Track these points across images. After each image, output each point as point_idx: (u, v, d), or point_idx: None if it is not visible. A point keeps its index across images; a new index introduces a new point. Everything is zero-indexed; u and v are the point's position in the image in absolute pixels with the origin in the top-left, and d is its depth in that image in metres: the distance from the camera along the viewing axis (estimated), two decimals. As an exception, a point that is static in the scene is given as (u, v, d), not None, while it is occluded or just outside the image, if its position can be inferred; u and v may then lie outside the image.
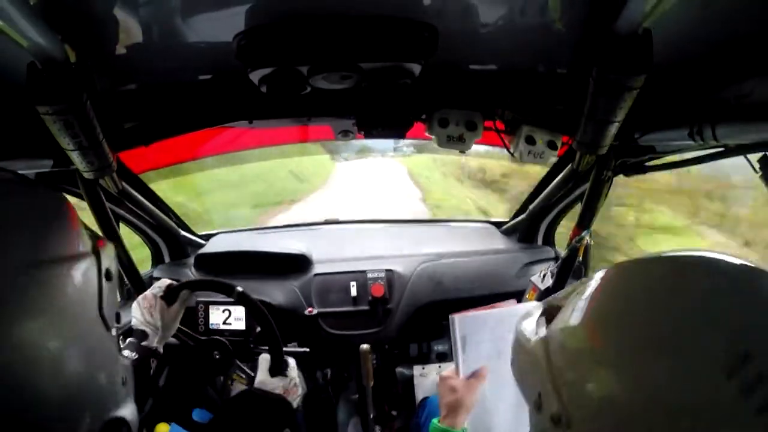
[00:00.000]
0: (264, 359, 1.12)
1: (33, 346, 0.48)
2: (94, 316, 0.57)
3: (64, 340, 0.52)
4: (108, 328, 0.60)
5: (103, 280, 0.60)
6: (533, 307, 0.61)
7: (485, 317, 0.99)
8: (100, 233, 0.66)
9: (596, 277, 0.50)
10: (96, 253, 0.59)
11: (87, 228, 0.62)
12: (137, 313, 1.06)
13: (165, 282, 1.12)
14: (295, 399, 1.10)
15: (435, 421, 0.94)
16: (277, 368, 1.10)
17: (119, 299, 1.64)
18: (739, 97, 0.77)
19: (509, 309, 1.02)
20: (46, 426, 0.49)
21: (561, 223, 1.84)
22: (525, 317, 0.60)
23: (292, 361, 1.15)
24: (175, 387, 1.21)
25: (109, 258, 0.62)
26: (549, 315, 0.54)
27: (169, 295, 1.10)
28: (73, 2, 0.67)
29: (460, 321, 0.99)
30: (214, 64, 0.93)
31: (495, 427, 1.00)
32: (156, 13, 0.74)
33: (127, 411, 0.63)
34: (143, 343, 1.00)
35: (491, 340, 0.98)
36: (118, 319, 0.64)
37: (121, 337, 0.66)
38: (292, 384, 1.10)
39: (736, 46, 0.74)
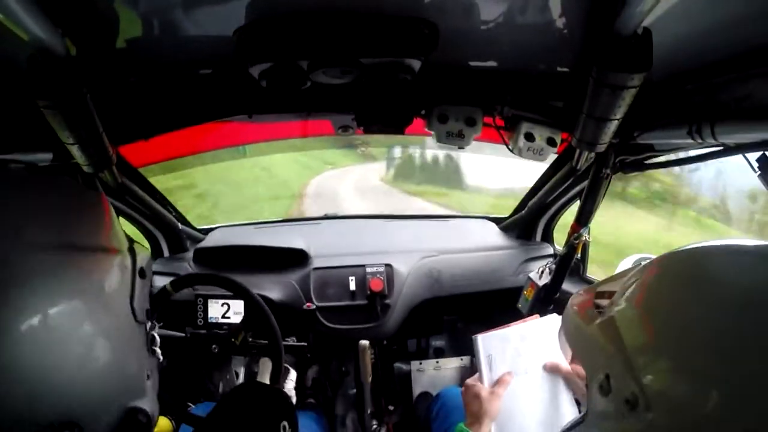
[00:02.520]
0: (265, 363, 1.12)
1: (61, 324, 0.50)
2: (124, 307, 0.60)
3: (94, 323, 0.54)
4: (137, 320, 0.62)
5: (137, 276, 0.63)
6: (578, 294, 0.60)
7: (508, 335, 1.00)
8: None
9: (668, 261, 0.48)
10: (132, 251, 0.63)
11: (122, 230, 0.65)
12: None
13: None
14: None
15: (461, 424, 0.95)
16: (276, 377, 1.10)
17: None
18: (738, 96, 0.77)
19: (531, 324, 1.02)
20: (68, 406, 0.51)
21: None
22: (577, 301, 0.59)
23: (293, 374, 1.15)
24: (174, 380, 1.21)
25: (144, 259, 0.66)
26: (602, 298, 0.53)
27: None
28: None
29: (483, 340, 1.00)
30: (215, 58, 0.93)
31: None
32: (156, 7, 0.74)
33: (148, 404, 0.64)
34: None
35: (516, 357, 0.99)
36: (149, 315, 0.67)
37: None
38: (290, 392, 1.10)
39: (736, 45, 0.74)
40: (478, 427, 0.92)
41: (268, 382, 1.09)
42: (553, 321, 1.00)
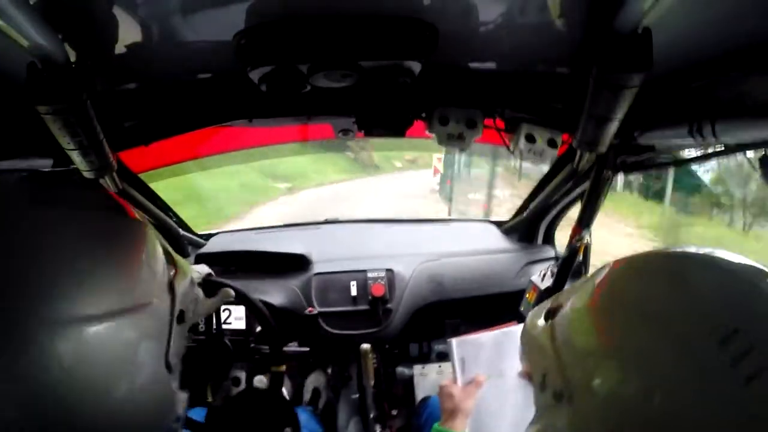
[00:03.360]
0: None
1: (90, 396, 0.44)
2: (158, 363, 0.52)
3: (125, 391, 0.47)
4: (171, 372, 0.55)
5: (175, 323, 0.55)
6: (543, 304, 0.66)
7: (483, 340, 1.02)
8: (176, 256, 0.60)
9: (597, 273, 0.55)
10: (171, 291, 0.54)
11: (165, 251, 0.55)
12: None
13: (205, 269, 1.08)
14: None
15: (436, 425, 0.97)
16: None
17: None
18: (739, 95, 0.77)
19: (507, 330, 1.04)
20: None
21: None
22: (535, 311, 0.65)
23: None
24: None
25: (184, 291, 0.56)
26: (556, 307, 0.59)
27: (206, 286, 1.03)
28: (73, 2, 0.67)
29: (458, 344, 1.02)
30: (214, 63, 0.93)
31: None
32: (156, 13, 0.74)
33: None
34: None
35: (490, 361, 1.01)
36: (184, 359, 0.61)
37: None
38: None
39: (737, 43, 0.74)
40: (452, 423, 0.94)
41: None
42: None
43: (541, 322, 0.60)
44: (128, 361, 0.47)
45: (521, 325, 1.02)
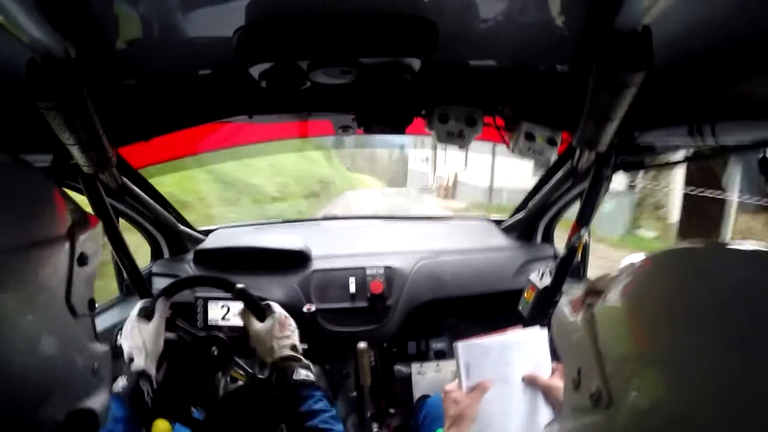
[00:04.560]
0: (243, 310, 1.13)
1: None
2: (60, 305, 0.54)
3: (23, 330, 0.49)
4: (75, 316, 0.57)
5: (75, 265, 0.57)
6: (573, 290, 0.59)
7: (489, 344, 1.00)
8: (90, 214, 0.64)
9: (645, 262, 0.47)
10: (71, 236, 0.56)
11: (74, 208, 0.59)
12: (124, 342, 1.05)
13: (139, 303, 1.11)
14: (293, 334, 1.11)
15: (440, 430, 0.96)
16: (260, 313, 1.11)
17: (119, 294, 1.65)
18: (739, 95, 0.77)
19: (513, 335, 1.02)
20: (5, 414, 0.47)
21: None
22: (567, 297, 0.59)
23: (274, 305, 1.15)
24: (173, 383, 1.21)
25: (90, 242, 0.59)
26: (592, 295, 0.52)
27: (144, 313, 1.08)
28: None
29: (463, 348, 0.99)
30: (214, 59, 0.93)
31: None
32: (156, 9, 0.74)
33: (98, 402, 0.60)
34: (132, 367, 0.98)
35: (496, 366, 0.99)
36: (91, 305, 0.62)
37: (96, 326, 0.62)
38: (282, 318, 1.11)
39: (737, 44, 0.74)
40: (456, 429, 0.93)
41: (256, 323, 1.11)
42: (534, 333, 1.01)
43: (578, 309, 0.53)
44: (22, 298, 0.48)
45: (527, 330, 1.01)
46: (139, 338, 1.03)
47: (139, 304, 1.11)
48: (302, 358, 1.08)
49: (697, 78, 0.86)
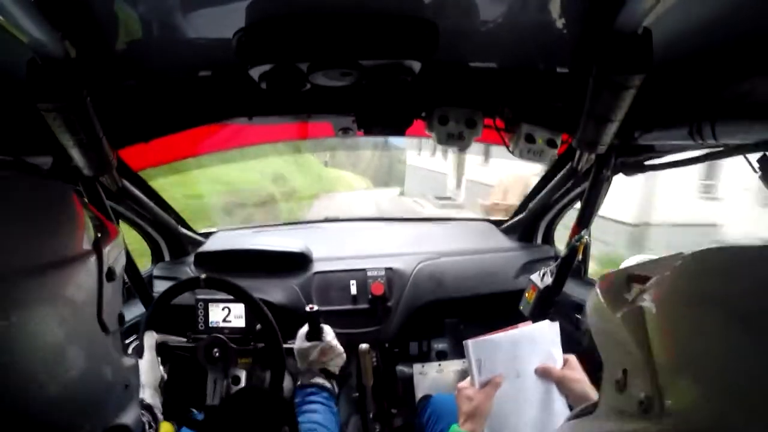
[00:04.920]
0: (302, 330, 1.22)
1: (25, 350, 0.45)
2: (92, 321, 0.53)
3: (59, 348, 0.48)
4: (107, 332, 0.56)
5: (104, 281, 0.55)
6: (607, 272, 0.54)
7: (499, 340, 1.01)
8: (108, 221, 0.62)
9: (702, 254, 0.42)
10: (98, 250, 0.54)
11: (95, 218, 0.58)
12: None
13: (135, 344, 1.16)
14: (332, 361, 1.19)
15: (455, 426, 0.96)
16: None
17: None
18: (739, 96, 0.77)
19: (523, 330, 1.02)
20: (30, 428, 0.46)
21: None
22: (604, 279, 0.53)
23: (327, 328, 1.23)
24: (176, 384, 1.21)
25: (114, 253, 0.58)
26: (638, 284, 0.47)
27: (138, 351, 1.12)
28: None
29: (474, 345, 1.00)
30: (214, 60, 0.93)
31: None
32: (156, 10, 0.74)
33: (130, 417, 0.60)
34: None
35: (507, 362, 1.00)
36: (121, 320, 0.61)
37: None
38: (327, 347, 1.19)
39: (736, 45, 0.74)
40: (471, 426, 0.94)
41: (304, 341, 1.17)
42: (544, 327, 1.02)
43: (618, 300, 0.48)
44: (55, 317, 0.48)
45: (537, 325, 1.03)
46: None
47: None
48: (324, 382, 1.17)
49: (697, 78, 0.86)
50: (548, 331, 1.02)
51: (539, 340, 1.01)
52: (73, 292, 0.50)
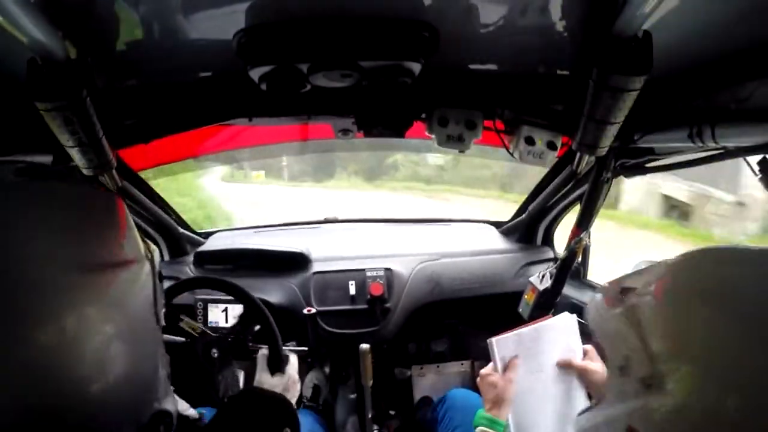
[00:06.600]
0: (262, 356, 1.13)
1: (82, 336, 0.48)
2: (148, 315, 0.60)
3: (119, 337, 0.52)
4: (159, 324, 0.63)
5: (157, 281, 0.64)
6: (605, 283, 0.62)
7: (521, 336, 1.04)
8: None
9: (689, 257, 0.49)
10: (150, 257, 0.63)
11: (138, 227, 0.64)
12: None
13: None
14: (294, 397, 1.11)
15: (481, 411, 1.00)
16: (276, 365, 1.10)
17: None
18: (739, 99, 0.77)
19: (542, 324, 1.05)
20: (93, 414, 0.50)
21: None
22: (604, 288, 0.60)
23: (293, 358, 1.17)
24: (174, 384, 1.21)
25: (157, 260, 0.66)
26: (631, 288, 0.53)
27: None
28: None
29: (498, 343, 1.03)
30: (215, 61, 0.93)
31: None
32: (157, 10, 0.74)
33: (171, 403, 0.66)
34: None
35: (530, 356, 1.03)
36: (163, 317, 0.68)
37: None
38: (291, 382, 1.12)
39: (737, 47, 0.74)
40: (497, 411, 0.98)
41: (266, 375, 1.12)
42: (564, 320, 1.05)
43: (616, 301, 0.55)
44: (118, 308, 0.53)
45: (556, 318, 1.06)
46: None
47: None
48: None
49: (697, 81, 0.86)
50: (568, 324, 1.04)
51: (559, 333, 1.03)
52: (137, 290, 0.57)
